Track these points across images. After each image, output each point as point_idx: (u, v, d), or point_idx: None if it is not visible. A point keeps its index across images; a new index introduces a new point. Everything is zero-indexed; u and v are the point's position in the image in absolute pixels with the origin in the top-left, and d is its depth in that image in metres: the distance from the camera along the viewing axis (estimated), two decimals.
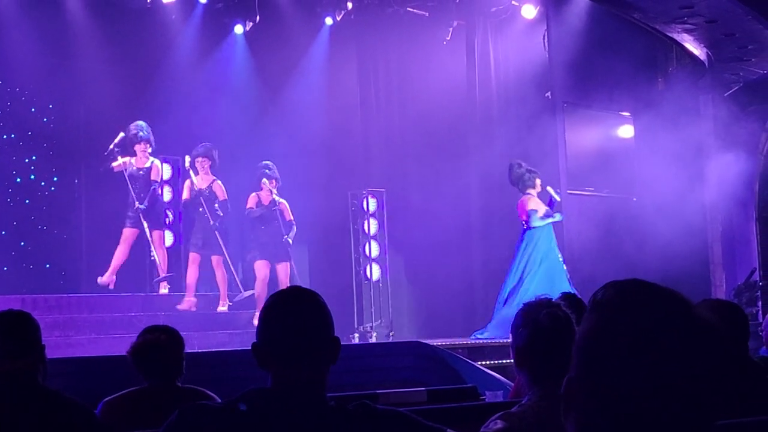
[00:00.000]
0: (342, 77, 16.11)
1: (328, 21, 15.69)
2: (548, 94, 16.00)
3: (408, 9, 15.94)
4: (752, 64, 15.93)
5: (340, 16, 15.55)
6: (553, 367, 3.23)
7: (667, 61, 16.89)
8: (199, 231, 13.35)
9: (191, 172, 13.40)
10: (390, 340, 14.58)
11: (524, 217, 13.58)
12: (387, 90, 16.77)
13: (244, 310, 13.01)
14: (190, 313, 12.92)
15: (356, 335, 14.88)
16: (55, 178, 14.14)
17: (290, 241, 13.51)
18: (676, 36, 15.17)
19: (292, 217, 13.69)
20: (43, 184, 13.82)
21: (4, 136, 13.58)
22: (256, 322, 12.18)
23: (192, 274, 13.25)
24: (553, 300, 3.58)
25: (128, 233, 13.03)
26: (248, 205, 13.63)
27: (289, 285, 12.65)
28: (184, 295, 13.16)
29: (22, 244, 13.70)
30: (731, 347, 1.68)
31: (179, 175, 14.13)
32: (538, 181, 13.68)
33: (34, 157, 13.87)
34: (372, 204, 15.45)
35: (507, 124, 16.06)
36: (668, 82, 16.98)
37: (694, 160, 15.51)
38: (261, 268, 13.45)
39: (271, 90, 15.63)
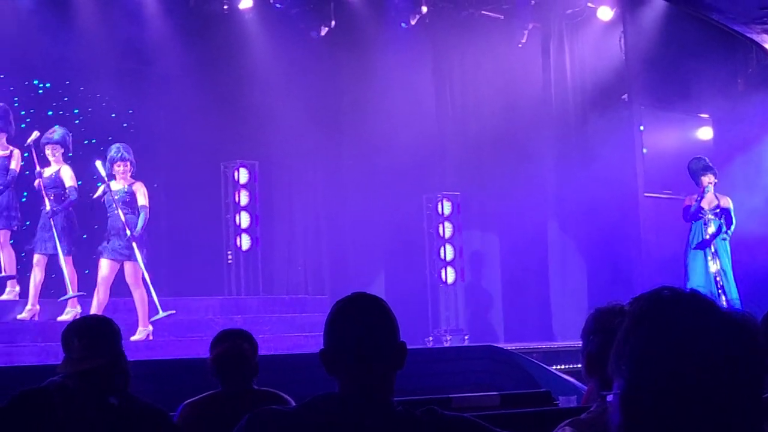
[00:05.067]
0: (417, 80, 16.10)
1: (404, 25, 15.72)
2: (625, 96, 15.90)
3: (483, 12, 15.93)
4: None
5: (415, 20, 15.57)
6: None
7: (747, 62, 16.65)
8: (37, 225, 11.72)
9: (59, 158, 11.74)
10: (465, 343, 14.55)
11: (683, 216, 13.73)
12: (462, 93, 16.74)
13: (316, 313, 13.01)
14: (264, 315, 12.97)
15: (431, 339, 14.88)
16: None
17: (135, 234, 11.50)
18: (755, 37, 14.98)
19: (145, 202, 11.72)
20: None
21: (85, 141, 13.78)
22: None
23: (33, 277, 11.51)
24: (626, 307, 3.55)
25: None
26: (95, 195, 11.91)
27: (134, 285, 11.56)
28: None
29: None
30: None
31: (256, 179, 14.24)
32: (704, 179, 13.54)
33: None
34: (447, 207, 15.43)
35: (583, 126, 15.98)
36: (748, 83, 16.74)
37: None
38: (100, 267, 11.55)
39: (346, 93, 15.69)
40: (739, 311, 1.68)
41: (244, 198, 14.12)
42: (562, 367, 10.79)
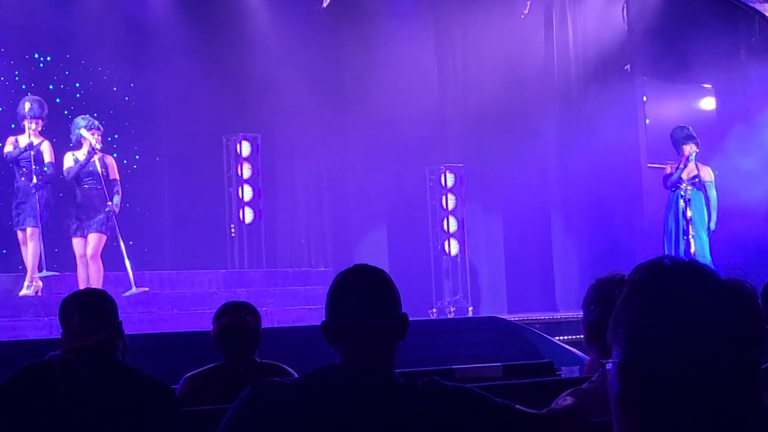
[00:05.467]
0: (420, 52, 16.05)
1: None
2: (627, 67, 15.86)
3: None
4: None
5: None
6: None
7: (750, 32, 16.58)
8: (21, 200, 11.32)
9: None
10: (468, 315, 14.58)
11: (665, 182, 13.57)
12: (465, 65, 16.69)
13: (319, 286, 13.01)
14: (267, 288, 12.98)
15: (435, 310, 14.91)
16: (137, 156, 14.31)
17: (116, 209, 11.32)
18: (758, 6, 14.91)
19: (117, 176, 11.52)
20: (125, 161, 13.95)
21: (87, 115, 13.76)
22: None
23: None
24: (627, 277, 3.55)
25: None
26: (65, 167, 11.39)
27: (94, 259, 11.24)
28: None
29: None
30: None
31: (258, 152, 14.24)
32: (686, 148, 13.48)
33: (116, 136, 14.02)
34: (450, 179, 15.42)
35: (586, 97, 15.94)
36: (751, 52, 16.67)
37: None
38: (77, 246, 11.32)
39: (349, 66, 15.65)
40: (738, 280, 1.68)
41: (246, 171, 14.12)
42: (565, 338, 10.80)
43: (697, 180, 13.47)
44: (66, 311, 4.27)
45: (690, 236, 13.32)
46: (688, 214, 13.34)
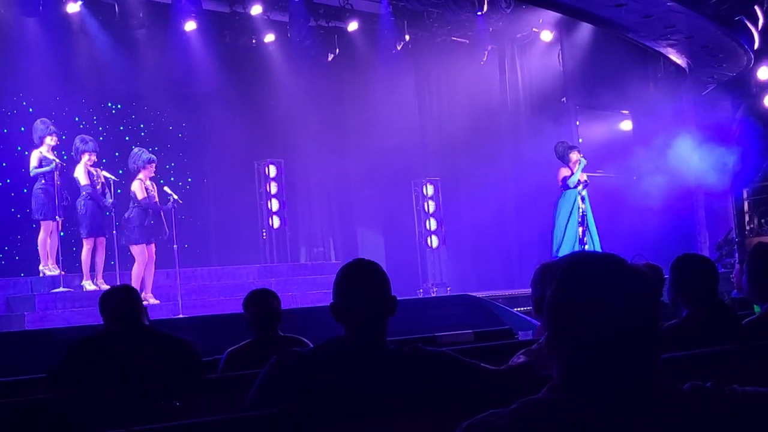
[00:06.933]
0: (404, 93, 16.07)
1: (392, 49, 15.64)
2: (564, 99, 15.86)
3: (452, 38, 15.86)
4: (723, 69, 15.61)
5: (400, 46, 15.51)
6: None
7: (656, 69, 16.59)
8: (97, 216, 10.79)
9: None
10: (447, 293, 14.55)
11: (560, 183, 13.37)
12: (439, 102, 16.70)
13: (333, 275, 12.91)
14: (292, 278, 12.94)
15: (421, 291, 14.88)
16: (189, 179, 14.31)
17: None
18: (662, 49, 14.91)
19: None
20: (180, 184, 13.97)
21: (149, 149, 13.72)
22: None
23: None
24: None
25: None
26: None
27: (149, 261, 10.91)
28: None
29: (167, 230, 13.86)
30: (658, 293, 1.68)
31: (282, 173, 14.22)
32: (572, 156, 13.35)
33: (172, 164, 14.04)
34: (430, 189, 15.43)
35: (532, 123, 15.95)
36: (658, 85, 16.69)
37: (680, 144, 15.24)
38: (144, 251, 10.96)
39: (349, 105, 15.64)
40: (639, 264, 1.65)
41: (273, 188, 14.11)
42: (522, 309, 10.77)
43: (585, 181, 13.38)
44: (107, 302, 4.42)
45: (586, 227, 13.25)
46: (583, 207, 13.25)
